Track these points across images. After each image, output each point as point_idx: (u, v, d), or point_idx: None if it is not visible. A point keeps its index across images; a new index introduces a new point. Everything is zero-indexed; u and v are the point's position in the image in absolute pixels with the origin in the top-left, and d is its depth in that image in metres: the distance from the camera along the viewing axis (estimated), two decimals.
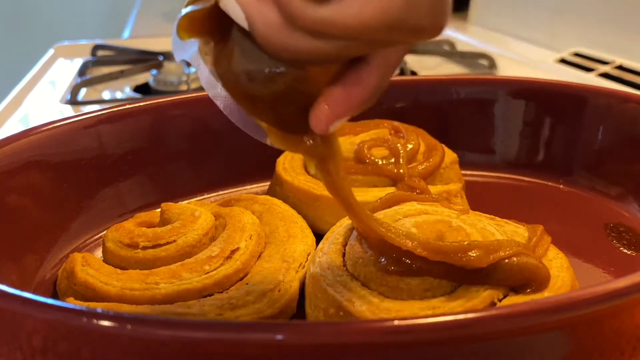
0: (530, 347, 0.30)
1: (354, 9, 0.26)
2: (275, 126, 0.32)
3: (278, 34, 0.28)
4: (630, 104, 0.59)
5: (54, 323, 0.30)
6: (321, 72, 0.30)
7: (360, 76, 0.30)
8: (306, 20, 0.27)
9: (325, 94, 0.30)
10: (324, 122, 0.30)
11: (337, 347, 0.28)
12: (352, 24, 0.26)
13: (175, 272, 0.43)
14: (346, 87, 0.30)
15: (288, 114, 0.31)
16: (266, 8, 0.28)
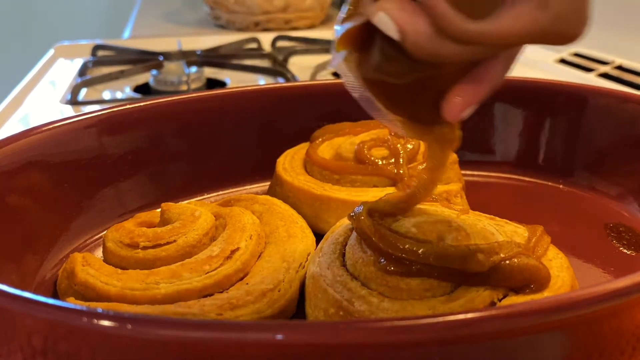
0: (530, 347, 0.30)
1: (508, 23, 0.31)
2: (410, 119, 0.37)
3: (429, 43, 0.32)
4: (630, 104, 0.59)
5: (54, 323, 0.30)
6: (454, 69, 0.35)
7: (488, 69, 0.34)
8: (462, 33, 0.31)
9: (458, 88, 0.35)
10: (457, 111, 0.35)
11: (337, 347, 0.28)
12: (505, 35, 0.31)
13: (176, 272, 0.43)
14: (476, 80, 0.34)
15: (422, 107, 0.36)
16: (419, 21, 0.32)
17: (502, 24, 0.31)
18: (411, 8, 0.32)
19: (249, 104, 0.64)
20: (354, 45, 0.35)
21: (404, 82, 0.35)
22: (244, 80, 1.00)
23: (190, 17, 1.54)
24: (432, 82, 0.35)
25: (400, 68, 0.34)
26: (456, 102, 0.35)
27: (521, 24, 0.31)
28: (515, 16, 0.31)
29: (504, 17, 0.31)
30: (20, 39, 2.19)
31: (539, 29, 0.31)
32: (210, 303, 0.41)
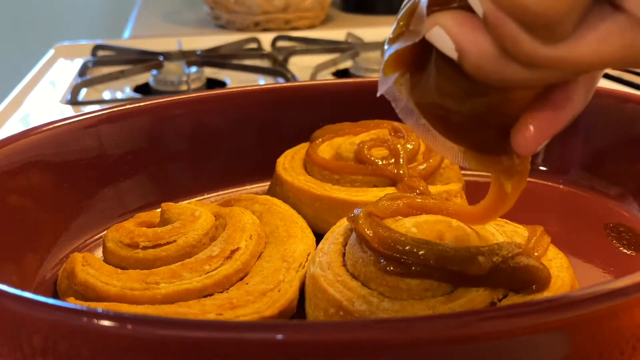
0: (530, 347, 0.30)
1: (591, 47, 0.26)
2: (472, 148, 0.32)
3: (493, 64, 0.27)
4: (630, 104, 0.59)
5: (54, 323, 0.30)
6: (526, 93, 0.30)
7: (568, 95, 0.30)
8: (535, 58, 0.26)
9: (532, 115, 0.30)
10: (531, 144, 0.30)
11: (337, 347, 0.28)
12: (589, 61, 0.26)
13: (176, 272, 0.43)
14: (555, 107, 0.30)
15: (487, 135, 0.32)
16: (480, 38, 0.27)
17: (585, 49, 0.26)
18: (472, 23, 0.27)
19: (249, 104, 0.64)
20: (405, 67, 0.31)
21: (465, 107, 0.30)
22: (244, 80, 1.00)
23: (190, 17, 1.54)
24: (499, 107, 0.30)
25: (460, 91, 0.30)
26: (530, 133, 0.30)
27: (610, 47, 0.26)
28: (602, 38, 0.26)
29: (587, 39, 0.26)
30: (20, 39, 2.19)
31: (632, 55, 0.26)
32: (210, 303, 0.41)
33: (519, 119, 0.30)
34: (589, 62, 0.26)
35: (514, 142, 0.30)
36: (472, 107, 0.30)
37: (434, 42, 0.29)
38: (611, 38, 0.26)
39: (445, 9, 0.28)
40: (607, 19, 0.26)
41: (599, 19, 0.26)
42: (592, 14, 0.26)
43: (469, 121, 0.31)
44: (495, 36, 0.27)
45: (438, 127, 0.32)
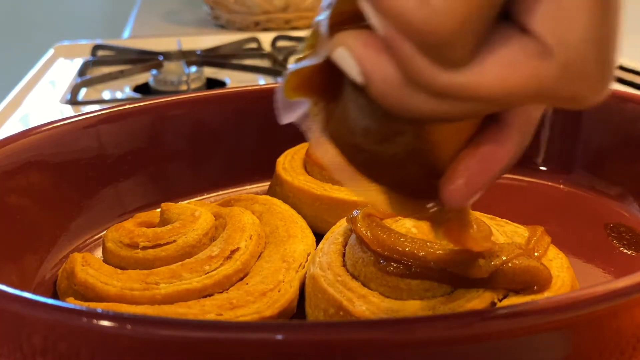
0: (530, 347, 0.30)
1: (495, 74, 0.22)
2: (394, 190, 0.28)
3: (397, 93, 0.23)
4: (630, 104, 0.59)
5: (54, 323, 0.30)
6: (450, 131, 0.26)
7: (499, 140, 0.26)
8: (434, 85, 0.22)
9: (459, 166, 0.26)
10: (459, 199, 0.26)
11: (337, 347, 0.28)
12: (492, 91, 0.22)
13: (175, 272, 0.43)
14: (483, 157, 0.26)
15: (409, 177, 0.27)
16: (384, 63, 0.23)
17: (487, 77, 0.22)
18: (378, 45, 0.23)
19: (249, 104, 0.64)
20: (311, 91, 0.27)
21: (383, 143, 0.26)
22: (244, 80, 1.00)
23: (190, 16, 1.54)
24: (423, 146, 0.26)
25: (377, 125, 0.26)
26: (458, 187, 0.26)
27: (515, 77, 0.22)
28: (506, 65, 0.22)
29: (489, 65, 0.22)
30: (20, 38, 2.19)
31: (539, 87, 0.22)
32: (210, 303, 0.41)
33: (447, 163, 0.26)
34: (492, 93, 0.22)
35: (442, 194, 0.26)
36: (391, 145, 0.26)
37: (340, 64, 0.25)
38: (516, 66, 0.22)
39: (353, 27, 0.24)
40: (512, 43, 0.22)
41: (504, 42, 0.22)
42: (496, 35, 0.22)
43: (388, 160, 0.27)
44: (396, 59, 0.23)
45: (355, 165, 0.28)
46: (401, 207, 0.29)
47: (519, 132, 0.26)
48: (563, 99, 0.22)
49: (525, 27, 0.22)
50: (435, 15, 0.21)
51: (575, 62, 0.21)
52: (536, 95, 0.22)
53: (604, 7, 0.22)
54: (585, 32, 0.21)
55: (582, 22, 0.21)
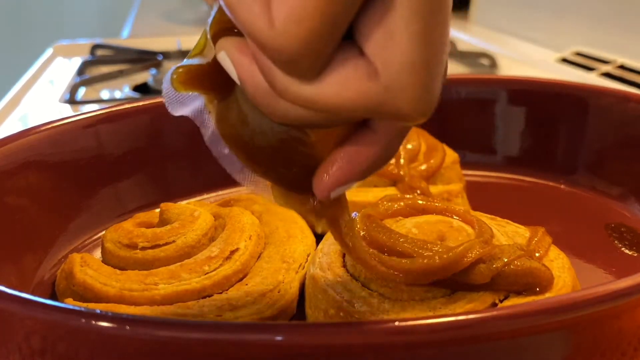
0: (531, 348, 0.30)
1: (333, 90, 0.25)
2: (279, 185, 0.31)
3: (266, 99, 0.26)
4: (632, 104, 0.59)
5: (52, 324, 0.30)
6: (323, 134, 0.28)
7: (362, 144, 0.28)
8: (288, 95, 0.25)
9: (327, 161, 0.29)
10: (325, 190, 0.29)
11: (337, 348, 0.28)
12: (331, 104, 0.25)
13: (175, 273, 0.42)
14: (346, 156, 0.29)
15: (292, 174, 0.30)
16: (255, 70, 0.26)
17: (328, 91, 0.25)
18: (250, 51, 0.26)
19: None
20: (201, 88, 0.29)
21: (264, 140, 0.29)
22: None
23: (189, 16, 1.54)
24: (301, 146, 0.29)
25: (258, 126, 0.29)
26: (324, 179, 0.29)
27: (347, 92, 0.25)
28: (341, 82, 0.25)
29: (328, 81, 0.25)
30: (18, 37, 2.19)
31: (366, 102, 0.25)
32: (210, 304, 0.40)
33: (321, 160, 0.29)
34: (330, 105, 0.25)
35: (314, 187, 0.29)
36: (271, 144, 0.29)
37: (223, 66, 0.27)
38: (348, 84, 0.25)
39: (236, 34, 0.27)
40: (349, 63, 0.25)
41: (343, 62, 0.25)
42: (339, 55, 0.25)
43: (271, 157, 0.29)
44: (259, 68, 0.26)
45: (243, 159, 0.30)
46: (285, 200, 0.31)
47: (385, 137, 0.28)
48: (388, 114, 0.25)
49: (362, 50, 0.25)
50: (279, 37, 0.24)
51: (395, 83, 0.24)
52: (365, 109, 0.25)
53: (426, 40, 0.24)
54: (405, 59, 0.24)
55: (403, 50, 0.24)
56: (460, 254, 0.37)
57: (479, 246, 0.37)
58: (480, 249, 0.37)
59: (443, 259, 0.36)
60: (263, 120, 0.28)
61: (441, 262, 0.36)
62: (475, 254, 0.37)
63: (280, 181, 0.31)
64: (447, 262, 0.36)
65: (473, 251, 0.37)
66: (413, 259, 0.37)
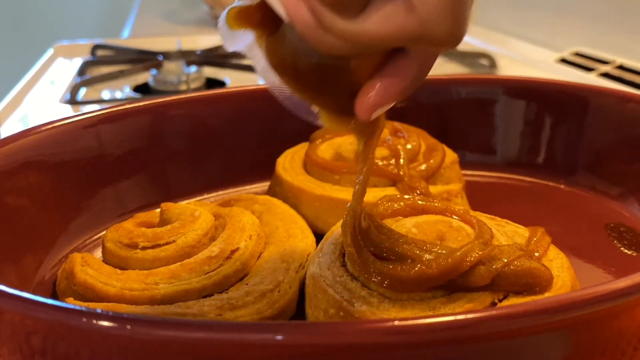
0: (531, 348, 0.30)
1: (375, 25, 0.29)
2: (325, 109, 0.35)
3: (313, 33, 0.30)
4: (631, 104, 0.59)
5: (53, 323, 0.30)
6: (363, 61, 0.32)
7: (399, 67, 0.32)
8: (334, 31, 0.29)
9: (368, 85, 0.32)
10: (366, 111, 0.33)
11: (337, 348, 0.28)
12: (373, 37, 0.29)
13: (175, 273, 0.42)
14: (385, 79, 0.32)
15: (336, 98, 0.34)
16: (303, 8, 0.30)
17: (369, 26, 0.29)
18: None
19: (249, 104, 0.64)
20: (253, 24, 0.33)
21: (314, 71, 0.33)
22: (244, 80, 1.00)
23: (189, 16, 1.54)
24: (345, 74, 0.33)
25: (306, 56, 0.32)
26: (367, 100, 0.33)
27: (388, 27, 0.29)
28: (383, 18, 0.29)
29: (371, 18, 0.29)
30: (19, 38, 2.19)
31: (407, 33, 0.29)
32: (210, 303, 0.40)
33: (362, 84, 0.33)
34: (375, 38, 0.29)
35: (356, 109, 0.33)
36: (317, 72, 0.33)
37: (272, 5, 0.31)
38: (390, 19, 0.29)
39: None
40: (388, 2, 0.29)
41: (383, 1, 0.29)
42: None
43: (317, 84, 0.33)
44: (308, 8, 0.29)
45: (293, 88, 0.34)
46: (331, 121, 0.35)
47: (416, 61, 0.32)
48: (425, 43, 0.29)
49: None
50: None
51: (431, 17, 0.28)
52: (404, 39, 0.29)
53: None
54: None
55: None
56: (459, 259, 0.36)
57: (478, 248, 0.37)
58: (480, 250, 0.37)
59: (441, 266, 0.36)
60: (309, 52, 0.32)
61: (438, 270, 0.36)
62: (475, 256, 0.37)
63: (325, 105, 0.35)
64: (445, 269, 0.36)
65: (472, 254, 0.37)
66: (409, 269, 0.37)
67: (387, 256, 0.38)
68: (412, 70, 0.32)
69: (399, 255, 0.38)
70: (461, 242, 0.39)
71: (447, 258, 0.37)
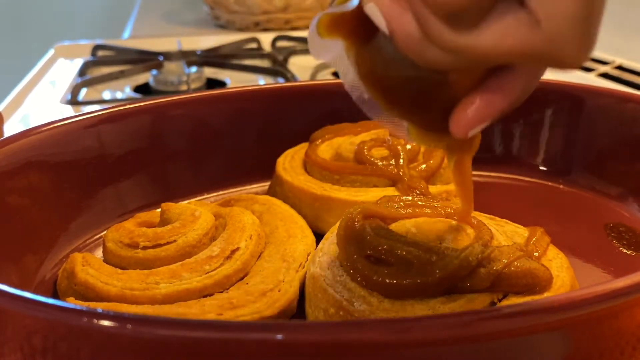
0: (530, 347, 0.30)
1: (492, 38, 0.26)
2: (417, 125, 0.33)
3: (416, 46, 0.28)
4: (630, 104, 0.59)
5: (54, 323, 0.30)
6: (463, 76, 0.30)
7: (503, 83, 0.30)
8: (444, 44, 0.27)
9: (466, 100, 0.30)
10: (463, 129, 0.30)
11: (337, 347, 0.28)
12: (489, 52, 0.27)
13: (176, 272, 0.43)
14: (487, 95, 0.30)
15: (430, 114, 0.32)
16: (407, 19, 0.28)
17: (485, 40, 0.26)
18: (402, 3, 0.28)
19: (249, 104, 0.64)
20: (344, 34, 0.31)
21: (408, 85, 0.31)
22: (244, 80, 1.00)
23: (190, 17, 1.54)
24: (441, 88, 0.31)
25: (400, 69, 0.30)
26: (463, 118, 0.30)
27: (506, 43, 0.26)
28: (501, 32, 0.26)
29: (489, 31, 0.26)
30: (20, 39, 2.19)
31: (528, 50, 0.26)
32: (210, 303, 0.41)
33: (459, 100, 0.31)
34: (490, 53, 0.27)
35: (452, 125, 0.31)
36: (412, 87, 0.31)
37: (370, 16, 0.29)
38: (510, 33, 0.26)
39: None
40: (510, 14, 0.26)
41: (503, 13, 0.26)
42: (499, 7, 0.26)
43: (411, 99, 0.31)
44: (416, 18, 0.28)
45: (383, 103, 0.32)
46: (424, 139, 0.33)
47: (523, 78, 0.30)
48: (549, 62, 0.27)
49: (524, 1, 0.26)
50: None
51: (558, 34, 0.26)
52: (524, 56, 0.27)
53: None
54: (569, 11, 0.25)
55: (568, 2, 0.25)
56: (458, 266, 0.36)
57: (478, 251, 0.37)
58: (480, 254, 0.37)
59: (440, 275, 0.36)
60: (404, 64, 0.30)
61: (439, 278, 0.36)
62: (474, 260, 0.37)
63: (418, 121, 0.33)
64: (445, 278, 0.36)
65: (472, 257, 0.37)
66: (407, 281, 0.37)
67: (385, 258, 0.38)
68: (518, 86, 0.30)
69: (398, 258, 0.37)
70: (461, 242, 0.39)
71: (446, 267, 0.36)
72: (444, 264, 0.36)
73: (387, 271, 0.37)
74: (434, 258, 0.37)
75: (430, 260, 0.37)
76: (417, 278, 0.36)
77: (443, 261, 0.37)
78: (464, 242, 0.39)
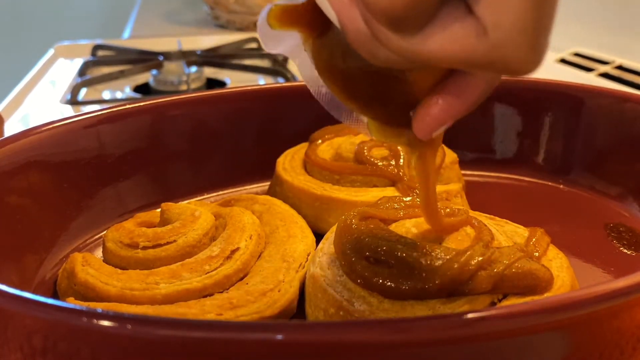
0: (530, 347, 0.30)
1: (437, 44, 0.26)
2: (376, 119, 0.32)
3: (367, 45, 0.28)
4: (630, 104, 0.59)
5: (54, 323, 0.30)
6: (422, 74, 0.29)
7: (463, 85, 0.29)
8: (391, 47, 0.27)
9: (428, 102, 0.30)
10: (425, 131, 0.30)
11: (337, 347, 0.28)
12: (434, 56, 0.26)
13: (176, 272, 0.43)
14: (447, 97, 0.29)
15: (389, 108, 0.31)
16: (357, 16, 0.27)
17: (431, 45, 0.26)
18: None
19: (249, 104, 0.64)
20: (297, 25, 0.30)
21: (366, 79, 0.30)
22: (244, 80, 1.00)
23: (190, 17, 1.54)
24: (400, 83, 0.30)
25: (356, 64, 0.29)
26: (425, 119, 0.30)
27: (452, 50, 0.26)
28: (447, 40, 0.26)
29: (435, 37, 0.26)
30: (20, 38, 2.19)
31: (472, 58, 0.26)
32: (210, 303, 0.41)
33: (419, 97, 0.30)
34: (435, 58, 0.26)
35: (414, 126, 0.30)
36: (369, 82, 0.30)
37: (322, 8, 0.28)
38: (455, 39, 0.25)
39: None
40: (457, 21, 0.25)
41: (450, 19, 0.26)
42: (446, 11, 0.26)
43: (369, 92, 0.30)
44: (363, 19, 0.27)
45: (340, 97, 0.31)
46: (383, 134, 0.32)
47: (484, 79, 0.29)
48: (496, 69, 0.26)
49: (471, 8, 0.25)
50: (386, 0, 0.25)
51: (506, 43, 0.25)
52: (469, 63, 0.26)
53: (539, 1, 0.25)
54: (517, 19, 0.25)
55: (515, 10, 0.24)
56: (459, 271, 0.36)
57: (478, 254, 0.37)
58: (480, 256, 0.37)
59: (440, 281, 0.36)
60: (362, 60, 0.29)
61: (440, 284, 0.36)
62: (475, 264, 0.36)
63: (376, 115, 0.32)
64: (445, 283, 0.36)
65: (472, 261, 0.36)
66: (407, 286, 0.36)
67: (385, 260, 0.38)
68: (478, 89, 0.29)
69: (398, 260, 0.37)
70: (461, 242, 0.39)
71: (446, 272, 0.36)
72: (444, 268, 0.36)
73: (387, 273, 0.37)
74: (434, 261, 0.36)
75: (430, 265, 0.36)
76: (417, 284, 0.36)
77: (443, 265, 0.36)
78: (464, 242, 0.39)
